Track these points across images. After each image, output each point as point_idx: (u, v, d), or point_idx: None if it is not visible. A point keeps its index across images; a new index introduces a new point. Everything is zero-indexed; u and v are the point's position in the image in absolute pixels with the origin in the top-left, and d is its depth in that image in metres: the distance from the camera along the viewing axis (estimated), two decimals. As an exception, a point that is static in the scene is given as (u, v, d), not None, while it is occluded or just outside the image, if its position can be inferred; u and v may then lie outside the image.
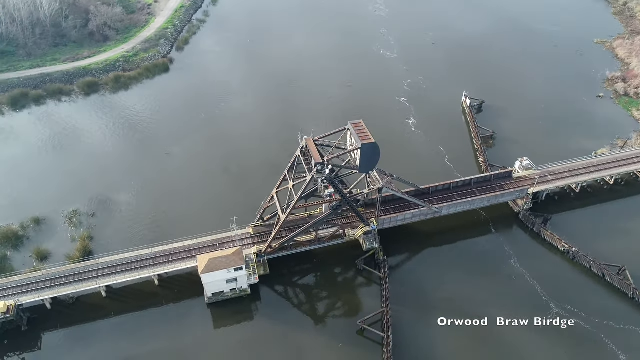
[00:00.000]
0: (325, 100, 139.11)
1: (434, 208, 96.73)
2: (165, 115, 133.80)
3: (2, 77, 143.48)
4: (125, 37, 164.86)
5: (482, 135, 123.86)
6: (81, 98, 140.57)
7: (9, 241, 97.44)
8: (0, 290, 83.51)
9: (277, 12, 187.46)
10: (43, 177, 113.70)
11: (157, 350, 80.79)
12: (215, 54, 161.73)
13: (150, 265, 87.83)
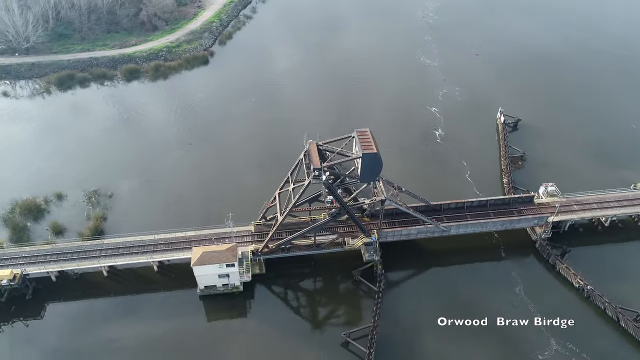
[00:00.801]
0: (351, 102, 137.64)
1: (441, 226, 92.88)
2: (196, 106, 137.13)
3: (55, 58, 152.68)
4: (173, 28, 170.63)
5: (511, 155, 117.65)
6: (122, 83, 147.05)
7: (30, 213, 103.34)
8: (10, 259, 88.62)
9: (324, 10, 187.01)
10: (74, 155, 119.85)
11: (145, 333, 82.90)
12: (255, 50, 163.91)
13: (150, 252, 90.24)
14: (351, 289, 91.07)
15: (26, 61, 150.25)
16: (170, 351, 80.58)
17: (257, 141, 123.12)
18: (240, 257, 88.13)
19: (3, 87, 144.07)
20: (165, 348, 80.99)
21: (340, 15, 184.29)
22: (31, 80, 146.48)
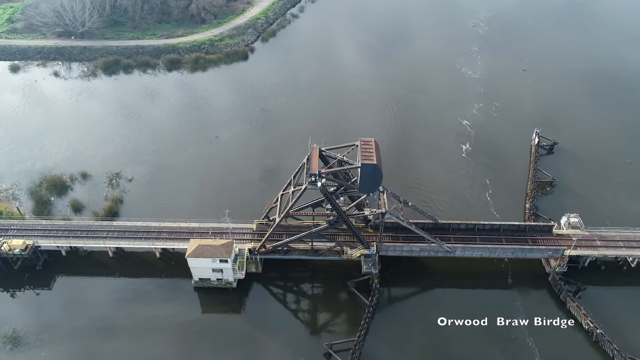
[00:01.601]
0: (380, 107, 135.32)
1: (445, 246, 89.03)
2: (228, 100, 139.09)
3: (106, 43, 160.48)
4: (220, 22, 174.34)
5: (540, 179, 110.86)
6: (162, 72, 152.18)
7: (55, 188, 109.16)
8: (25, 230, 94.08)
9: (373, 13, 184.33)
10: (106, 137, 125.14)
11: (139, 315, 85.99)
12: (296, 49, 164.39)
13: (153, 238, 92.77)
14: (344, 299, 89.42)
15: (79, 45, 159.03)
16: (156, 334, 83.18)
17: (282, 140, 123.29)
18: (237, 253, 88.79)
19: (55, 67, 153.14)
20: (153, 331, 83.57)
21: (387, 18, 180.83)
22: (81, 63, 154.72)
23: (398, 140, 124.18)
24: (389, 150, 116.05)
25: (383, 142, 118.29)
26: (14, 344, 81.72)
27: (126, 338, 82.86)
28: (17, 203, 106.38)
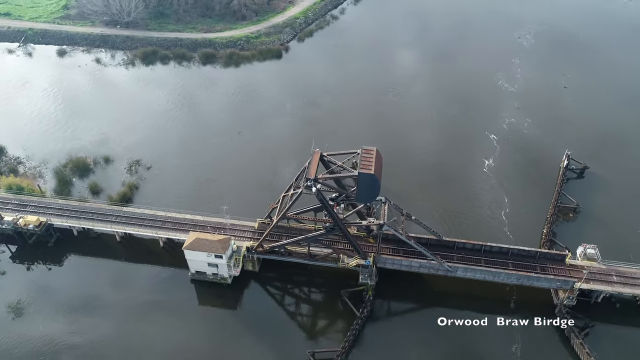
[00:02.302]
0: (403, 116, 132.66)
1: (446, 265, 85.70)
2: (255, 97, 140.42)
3: (147, 34, 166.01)
4: (259, 20, 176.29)
5: (563, 204, 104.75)
6: (196, 65, 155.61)
7: (78, 170, 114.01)
8: (42, 207, 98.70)
9: (416, 17, 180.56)
10: (134, 125, 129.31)
11: (135, 298, 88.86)
12: (331, 51, 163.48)
13: (157, 227, 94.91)
14: (337, 307, 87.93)
15: (123, 34, 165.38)
16: (148, 316, 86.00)
17: (302, 140, 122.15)
18: (235, 250, 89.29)
19: (99, 54, 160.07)
20: (145, 315, 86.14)
21: (430, 24, 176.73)
22: (122, 52, 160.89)
23: (417, 148, 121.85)
24: (402, 156, 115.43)
25: (399, 149, 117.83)
26: (17, 314, 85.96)
27: (121, 317, 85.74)
28: (42, 181, 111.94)
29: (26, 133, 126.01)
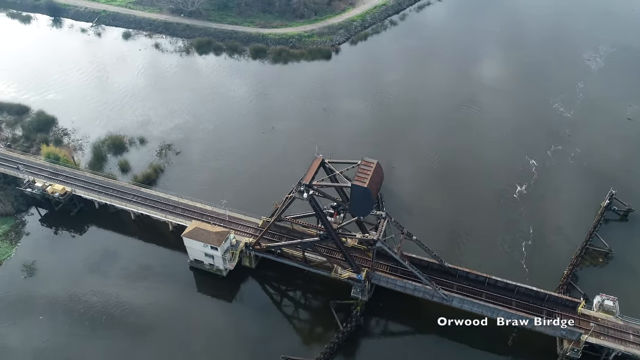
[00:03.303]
0: (445, 133, 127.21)
1: (441, 292, 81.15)
2: (295, 94, 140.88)
3: (206, 24, 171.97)
4: (316, 19, 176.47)
5: (594, 246, 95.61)
6: (246, 59, 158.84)
7: (114, 147, 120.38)
8: (70, 178, 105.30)
9: (479, 31, 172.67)
10: (175, 110, 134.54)
11: (134, 275, 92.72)
12: (382, 56, 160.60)
13: (167, 211, 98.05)
14: (323, 317, 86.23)
15: (184, 22, 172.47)
16: (140, 291, 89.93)
17: (333, 141, 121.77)
18: (234, 244, 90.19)
19: (159, 40, 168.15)
20: (139, 287, 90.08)
21: (494, 39, 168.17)
22: (180, 39, 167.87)
23: (449, 162, 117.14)
24: (433, 170, 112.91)
25: (432, 161, 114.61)
26: (29, 273, 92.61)
27: (118, 287, 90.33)
28: (81, 153, 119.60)
29: (77, 107, 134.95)
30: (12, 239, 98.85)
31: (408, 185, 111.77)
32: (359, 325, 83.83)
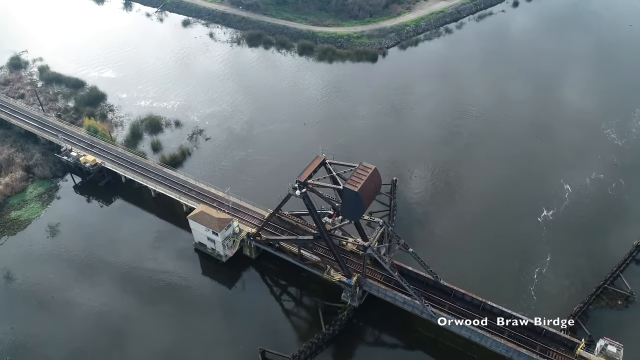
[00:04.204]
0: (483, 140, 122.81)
1: (429, 309, 78.49)
2: (335, 94, 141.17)
3: (260, 18, 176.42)
4: (369, 21, 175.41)
5: (615, 287, 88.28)
6: (292, 55, 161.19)
7: (150, 127, 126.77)
8: (103, 151, 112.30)
9: (540, 45, 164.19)
10: (215, 99, 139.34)
11: (146, 247, 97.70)
12: (430, 63, 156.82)
13: (182, 193, 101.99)
14: (312, 316, 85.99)
15: (240, 14, 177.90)
16: (146, 262, 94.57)
17: (361, 142, 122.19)
18: (237, 232, 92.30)
19: (214, 29, 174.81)
20: (149, 265, 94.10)
21: (547, 55, 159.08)
22: (234, 30, 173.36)
23: (473, 175, 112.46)
24: (454, 181, 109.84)
25: (446, 173, 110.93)
26: (52, 234, 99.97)
27: (132, 256, 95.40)
28: (120, 129, 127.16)
29: (127, 86, 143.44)
30: (44, 201, 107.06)
31: (423, 194, 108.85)
32: (344, 329, 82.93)
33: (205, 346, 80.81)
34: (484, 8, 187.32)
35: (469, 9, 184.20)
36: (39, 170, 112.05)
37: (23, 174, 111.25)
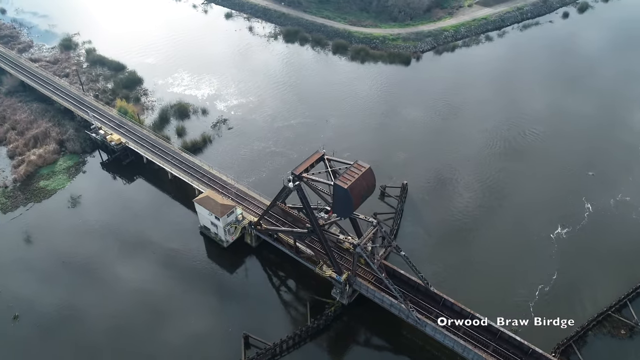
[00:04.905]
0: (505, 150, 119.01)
1: (414, 314, 77.65)
2: (360, 93, 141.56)
3: (301, 15, 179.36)
4: (409, 24, 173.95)
5: (621, 316, 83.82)
6: (326, 52, 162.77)
7: (178, 113, 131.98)
8: (129, 131, 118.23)
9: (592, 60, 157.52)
10: (245, 90, 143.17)
11: (159, 226, 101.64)
12: (464, 70, 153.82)
13: (195, 177, 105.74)
14: (302, 309, 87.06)
15: (281, 10, 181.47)
16: (152, 240, 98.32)
17: (384, 144, 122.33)
18: (240, 220, 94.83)
19: (254, 23, 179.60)
20: (155, 241, 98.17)
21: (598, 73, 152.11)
22: (273, 26, 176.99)
23: (495, 185, 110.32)
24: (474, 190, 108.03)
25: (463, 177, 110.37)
26: (73, 204, 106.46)
27: (142, 233, 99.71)
28: (150, 112, 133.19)
29: (164, 72, 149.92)
30: (71, 174, 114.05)
31: (436, 200, 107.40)
32: (331, 325, 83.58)
33: (194, 324, 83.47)
34: (530, 17, 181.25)
35: (514, 17, 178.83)
36: (70, 144, 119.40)
37: (56, 147, 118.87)
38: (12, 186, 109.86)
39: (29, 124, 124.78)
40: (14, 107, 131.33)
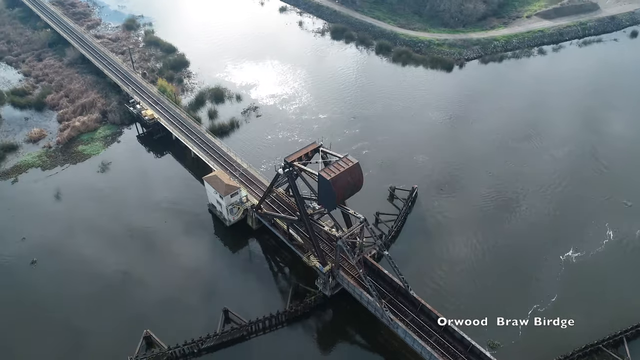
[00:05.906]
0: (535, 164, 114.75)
1: (388, 315, 77.70)
2: (395, 96, 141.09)
3: (352, 13, 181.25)
4: (459, 31, 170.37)
5: (610, 352, 78.89)
6: (369, 52, 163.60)
7: (214, 97, 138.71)
8: (163, 109, 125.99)
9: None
10: (283, 81, 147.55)
11: (176, 198, 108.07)
12: (506, 87, 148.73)
13: (212, 157, 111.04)
14: (285, 293, 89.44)
15: (333, 7, 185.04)
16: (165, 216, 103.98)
17: (406, 146, 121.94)
18: (243, 202, 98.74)
19: (305, 18, 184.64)
20: (166, 213, 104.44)
21: None
22: (323, 22, 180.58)
23: (512, 197, 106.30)
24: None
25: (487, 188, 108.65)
26: (102, 169, 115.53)
27: (154, 203, 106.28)
28: (189, 94, 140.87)
29: (210, 57, 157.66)
30: (107, 142, 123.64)
31: (448, 207, 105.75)
32: (310, 314, 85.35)
33: (182, 295, 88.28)
34: (593, 34, 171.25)
35: (574, 32, 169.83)
36: (111, 115, 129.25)
37: (99, 117, 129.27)
38: (55, 147, 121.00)
39: (80, 94, 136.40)
40: (71, 77, 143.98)
